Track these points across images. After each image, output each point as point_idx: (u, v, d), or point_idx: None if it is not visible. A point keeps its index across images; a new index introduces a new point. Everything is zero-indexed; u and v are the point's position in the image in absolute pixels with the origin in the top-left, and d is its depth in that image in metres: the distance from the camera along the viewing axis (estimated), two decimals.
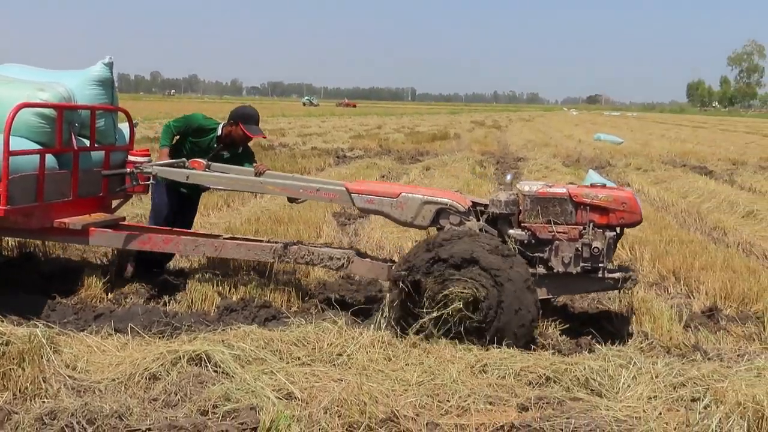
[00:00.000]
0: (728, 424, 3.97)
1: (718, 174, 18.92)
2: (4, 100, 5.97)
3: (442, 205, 6.00)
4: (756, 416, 3.98)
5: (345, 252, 6.28)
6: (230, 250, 6.42)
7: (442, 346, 5.14)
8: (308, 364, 4.82)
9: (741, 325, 6.20)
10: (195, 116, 7.12)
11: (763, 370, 4.76)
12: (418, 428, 3.93)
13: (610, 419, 4.15)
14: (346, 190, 6.16)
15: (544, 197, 5.80)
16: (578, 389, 4.60)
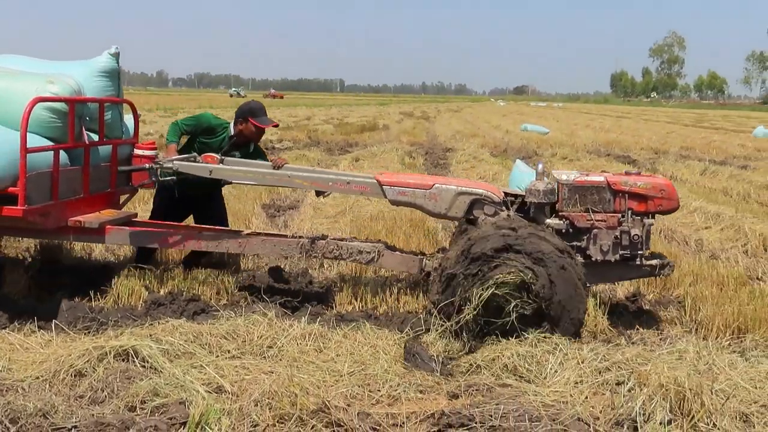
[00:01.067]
0: (651, 406, 4.07)
1: (641, 163, 19.33)
2: (13, 94, 5.75)
3: (477, 195, 5.94)
4: (678, 397, 4.09)
5: (375, 245, 6.17)
6: (255, 247, 6.31)
7: (375, 336, 5.15)
8: (238, 357, 4.79)
9: (663, 310, 6.38)
10: (205, 116, 6.96)
11: (685, 353, 4.90)
12: (349, 418, 3.94)
13: (538, 404, 4.22)
14: (378, 183, 6.04)
15: (582, 186, 5.80)
16: (507, 376, 4.68)
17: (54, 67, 6.45)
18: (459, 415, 4.04)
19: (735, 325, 5.74)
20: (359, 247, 6.11)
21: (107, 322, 5.57)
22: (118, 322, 5.55)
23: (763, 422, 4.11)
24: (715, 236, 9.26)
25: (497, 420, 4.00)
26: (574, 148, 22.56)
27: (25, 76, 6.02)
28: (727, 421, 4.06)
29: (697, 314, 6.01)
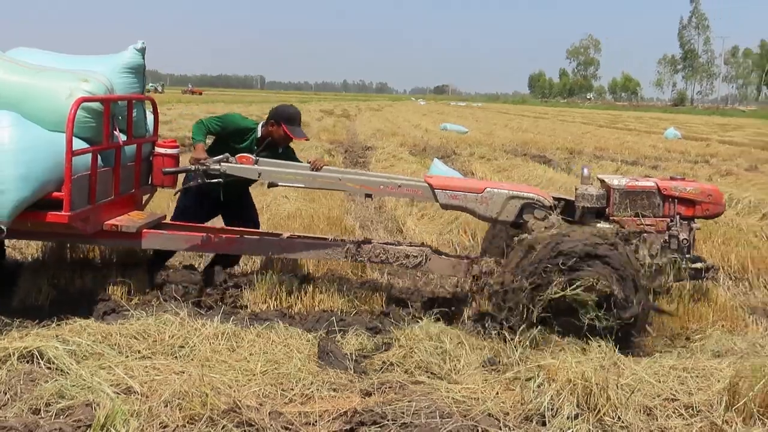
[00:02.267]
0: (559, 401, 4.17)
1: (556, 163, 19.71)
2: (45, 92, 5.53)
3: (529, 200, 5.89)
4: (585, 392, 4.19)
5: (422, 249, 6.12)
6: (298, 251, 6.23)
7: (289, 335, 5.13)
8: (149, 358, 4.71)
9: None
10: (232, 117, 6.73)
11: (592, 349, 5.03)
12: (261, 418, 3.92)
13: (450, 401, 4.27)
14: (430, 186, 5.96)
15: (633, 191, 5.82)
16: (420, 373, 4.71)
17: (77, 62, 6.17)
18: (371, 413, 4.06)
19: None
20: (406, 251, 6.08)
21: (12, 322, 5.40)
22: (24, 323, 5.38)
23: (665, 415, 4.24)
24: None
25: (409, 417, 4.02)
26: (492, 148, 22.84)
27: (56, 74, 5.74)
28: (632, 414, 4.18)
29: None
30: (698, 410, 4.27)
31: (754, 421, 4.10)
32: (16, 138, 5.11)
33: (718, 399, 4.31)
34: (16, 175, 5.05)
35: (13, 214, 5.10)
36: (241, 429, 3.82)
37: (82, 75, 5.70)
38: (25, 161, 5.09)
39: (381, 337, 5.37)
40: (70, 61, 6.19)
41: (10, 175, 5.02)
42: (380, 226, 10.13)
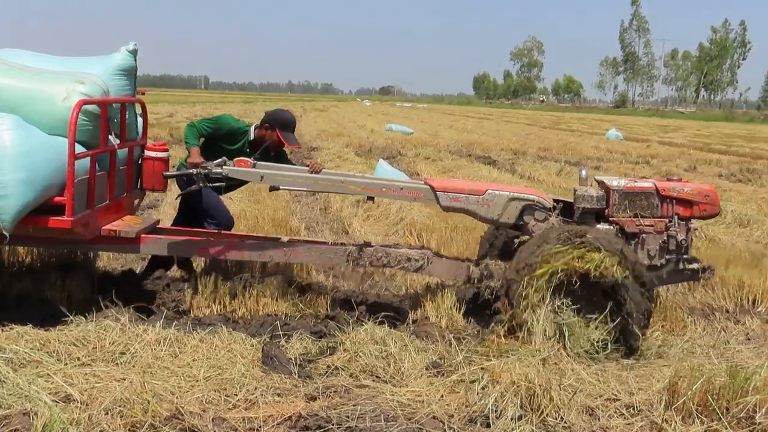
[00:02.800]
0: (503, 402, 4.21)
1: (501, 163, 19.88)
2: (41, 94, 5.40)
3: (529, 201, 5.91)
4: (528, 394, 4.24)
5: (423, 252, 6.11)
6: (300, 255, 6.16)
7: (233, 340, 5.09)
8: (88, 365, 4.63)
9: None
10: (224, 118, 6.67)
11: (536, 352, 5.09)
12: (204, 424, 3.88)
13: (395, 404, 4.29)
14: (431, 189, 5.96)
15: (632, 192, 5.84)
16: (365, 377, 4.71)
17: (68, 64, 6.02)
18: (316, 417, 4.05)
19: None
20: (407, 254, 6.07)
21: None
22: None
23: (607, 415, 4.31)
24: None
25: (354, 421, 4.03)
26: (437, 149, 22.94)
27: (50, 76, 5.60)
28: (574, 414, 4.24)
29: None
30: (639, 410, 4.35)
31: (692, 420, 4.18)
32: (18, 141, 5.01)
33: (658, 398, 4.39)
34: (19, 179, 4.95)
35: (16, 219, 5.01)
36: None
37: (78, 77, 5.58)
38: (26, 165, 4.99)
39: (326, 341, 5.35)
40: (61, 62, 6.05)
41: (12, 180, 4.93)
42: (326, 227, 10.12)
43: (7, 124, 5.01)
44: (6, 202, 4.93)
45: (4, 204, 4.94)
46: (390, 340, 5.04)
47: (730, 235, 9.80)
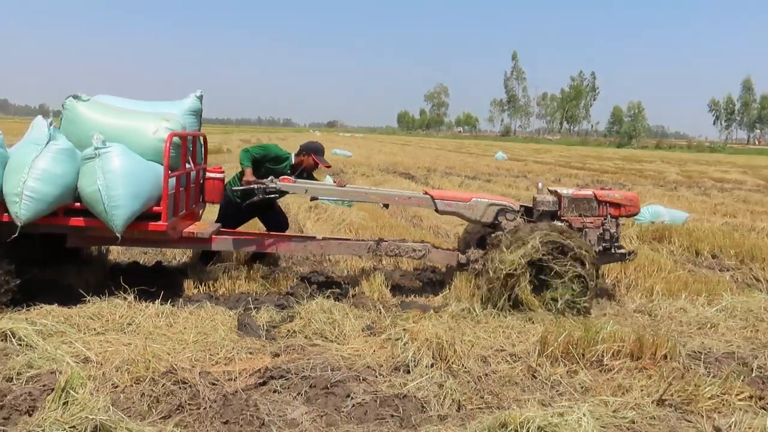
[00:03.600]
0: (419, 355, 4.23)
1: (418, 177, 19.94)
2: (138, 130, 5.36)
3: (502, 206, 5.97)
4: (438, 347, 4.27)
5: (424, 245, 6.10)
6: (333, 248, 6.16)
7: (215, 312, 5.01)
8: (102, 334, 4.51)
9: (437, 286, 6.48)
10: (271, 146, 6.61)
11: (445, 315, 5.13)
12: (193, 377, 3.81)
13: (339, 358, 4.28)
14: (431, 198, 6.01)
15: (577, 198, 5.97)
16: (317, 338, 4.69)
17: (152, 106, 5.93)
18: (279, 369, 4.02)
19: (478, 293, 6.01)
20: (413, 246, 6.07)
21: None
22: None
23: (496, 361, 4.37)
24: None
25: (308, 371, 4.01)
26: (370, 167, 22.92)
27: (139, 115, 5.56)
28: (472, 362, 4.28)
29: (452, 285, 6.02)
30: (519, 357, 4.42)
31: (558, 363, 4.27)
32: (125, 164, 4.95)
33: (533, 348, 4.48)
34: (127, 193, 4.90)
35: (125, 224, 4.96)
36: (177, 386, 3.70)
37: (163, 116, 5.58)
38: (132, 182, 4.94)
39: (286, 312, 5.31)
40: (144, 105, 5.96)
41: (123, 194, 4.87)
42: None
43: (117, 152, 4.96)
44: (118, 212, 4.88)
45: (117, 213, 4.89)
46: (335, 309, 5.02)
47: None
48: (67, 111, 5.45)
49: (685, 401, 3.77)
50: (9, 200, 4.76)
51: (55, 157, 4.83)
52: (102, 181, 4.84)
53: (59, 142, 4.92)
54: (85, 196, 4.95)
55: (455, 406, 3.69)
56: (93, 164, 4.89)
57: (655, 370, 4.16)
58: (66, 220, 5.07)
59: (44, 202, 4.79)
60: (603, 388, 3.96)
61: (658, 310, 5.79)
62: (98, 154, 4.89)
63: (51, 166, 4.79)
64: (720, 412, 3.69)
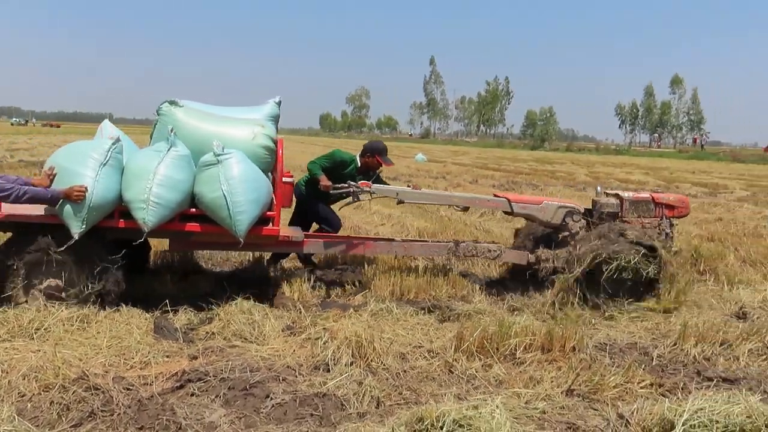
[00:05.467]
0: (339, 353, 4.21)
1: None
2: (232, 137, 5.22)
3: (570, 208, 6.23)
4: (357, 345, 4.27)
5: (498, 246, 6.32)
6: (416, 250, 6.29)
7: (131, 315, 4.83)
8: (8, 340, 4.26)
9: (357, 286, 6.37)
10: (336, 152, 6.62)
11: (364, 313, 5.13)
12: (106, 382, 3.66)
13: (258, 358, 4.21)
14: (508, 201, 6.25)
15: (637, 200, 6.23)
16: (236, 339, 4.59)
17: (235, 111, 5.73)
18: (197, 372, 3.91)
19: (398, 290, 6.06)
20: (488, 247, 6.26)
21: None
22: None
23: (414, 358, 4.40)
24: (388, 230, 9.71)
25: (227, 373, 3.92)
26: (293, 168, 22.61)
27: (233, 122, 5.44)
28: (391, 359, 4.30)
29: (371, 284, 6.10)
30: (436, 353, 4.47)
31: (474, 358, 4.34)
32: (245, 170, 4.97)
33: (450, 344, 4.54)
34: (250, 199, 4.94)
35: (248, 229, 5.00)
36: (89, 393, 3.55)
37: (257, 122, 5.47)
38: (253, 189, 4.97)
39: (205, 314, 5.18)
40: (228, 110, 5.75)
41: (246, 200, 4.90)
42: None
43: (236, 159, 4.96)
44: (242, 217, 4.90)
45: (241, 218, 4.91)
46: (255, 310, 4.94)
47: (499, 227, 10.23)
48: (164, 116, 5.32)
49: (591, 390, 3.91)
50: (135, 206, 4.75)
51: (177, 164, 4.85)
52: (226, 187, 4.84)
53: (179, 149, 4.93)
54: (207, 203, 4.94)
55: (374, 403, 3.69)
56: (215, 171, 4.89)
57: (564, 362, 4.29)
58: (182, 225, 5.05)
59: (168, 208, 4.82)
60: (516, 381, 4.05)
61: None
62: (220, 160, 4.89)
63: (173, 173, 4.81)
64: (623, 399, 3.84)
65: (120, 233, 4.97)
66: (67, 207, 4.65)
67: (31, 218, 4.80)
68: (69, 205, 4.64)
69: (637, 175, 27.76)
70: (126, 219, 4.90)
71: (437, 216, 10.51)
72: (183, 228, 5.09)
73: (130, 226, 4.86)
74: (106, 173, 4.74)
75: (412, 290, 5.97)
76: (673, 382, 4.13)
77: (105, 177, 4.73)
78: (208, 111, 5.59)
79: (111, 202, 4.81)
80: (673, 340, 4.88)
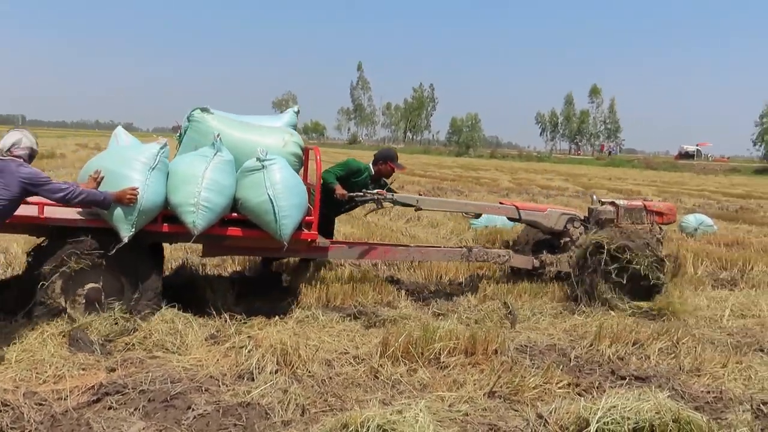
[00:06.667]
0: (264, 361, 4.18)
1: None
2: (267, 144, 5.22)
3: (572, 215, 6.71)
4: (282, 353, 4.24)
5: (507, 251, 6.63)
6: (432, 255, 6.51)
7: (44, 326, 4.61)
8: None
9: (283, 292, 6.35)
10: (351, 162, 6.64)
11: (290, 320, 5.09)
12: (17, 398, 3.50)
13: (180, 369, 4.12)
14: (516, 208, 6.63)
15: (631, 208, 6.74)
16: (157, 350, 4.48)
17: (261, 119, 5.86)
18: (115, 385, 3.80)
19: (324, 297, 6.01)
20: (498, 252, 6.58)
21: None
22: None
23: (340, 364, 4.41)
24: None
25: (147, 384, 3.83)
26: None
27: (261, 130, 5.52)
28: (317, 366, 4.30)
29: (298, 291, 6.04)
30: (362, 359, 4.49)
31: (399, 363, 4.39)
32: (287, 176, 5.06)
33: (376, 350, 4.56)
34: (294, 204, 5.02)
35: (291, 233, 5.09)
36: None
37: (286, 130, 5.60)
38: (295, 194, 5.06)
39: (125, 324, 5.01)
40: (252, 118, 5.83)
41: (289, 205, 4.98)
42: None
43: (279, 165, 5.04)
44: (287, 221, 4.99)
45: (286, 222, 4.99)
46: (177, 319, 4.82)
47: (425, 233, 10.36)
48: (196, 123, 5.35)
49: (512, 392, 4.02)
50: (184, 210, 4.79)
51: (223, 168, 4.92)
52: (272, 192, 4.92)
53: (224, 154, 4.99)
54: (251, 207, 4.99)
55: (299, 411, 3.67)
56: (259, 176, 4.96)
57: (486, 365, 4.40)
58: (223, 230, 5.09)
59: (215, 212, 4.88)
60: (440, 384, 4.12)
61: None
62: (265, 165, 4.96)
63: (220, 177, 4.88)
64: (543, 399, 3.97)
65: (162, 237, 5.10)
66: (117, 210, 4.63)
67: (74, 222, 4.73)
68: (119, 208, 4.63)
69: (558, 181, 28.72)
70: (171, 223, 4.93)
71: (364, 222, 10.54)
72: (225, 233, 5.12)
73: (175, 230, 4.93)
74: (156, 177, 4.78)
75: (338, 297, 5.96)
76: (589, 381, 4.29)
77: (154, 181, 4.76)
78: (235, 119, 5.65)
79: (159, 206, 4.84)
80: (589, 341, 5.08)
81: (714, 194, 24.46)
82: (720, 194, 24.66)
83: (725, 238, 10.84)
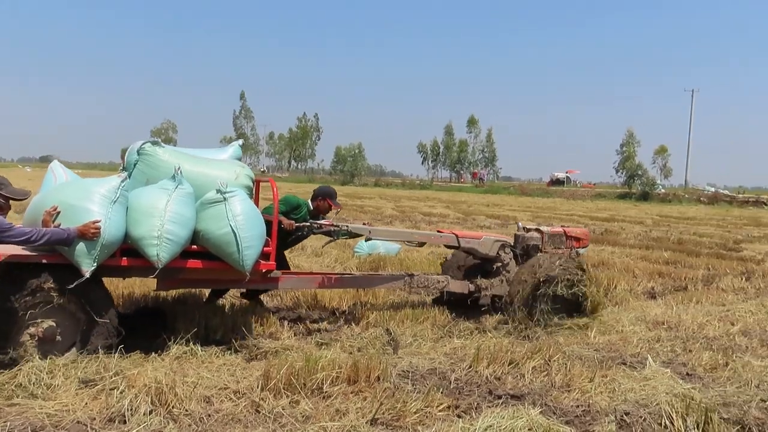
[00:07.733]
0: (137, 402, 3.99)
1: None
2: (220, 177, 5.23)
3: (503, 242, 7.09)
4: (157, 392, 4.07)
5: (445, 277, 6.93)
6: (376, 282, 6.68)
7: None
8: None
9: (159, 328, 6.13)
10: (289, 197, 6.75)
11: (166, 357, 4.88)
12: None
13: (43, 416, 3.85)
14: (456, 236, 6.97)
15: (553, 234, 7.28)
16: (19, 394, 4.16)
17: (208, 153, 5.84)
18: None
19: (203, 330, 5.80)
20: (437, 278, 6.85)
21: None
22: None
23: (219, 400, 4.27)
24: None
25: None
26: None
27: (215, 163, 5.52)
28: (195, 403, 4.15)
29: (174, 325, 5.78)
30: (243, 393, 4.38)
31: (281, 395, 4.33)
32: (247, 207, 5.12)
33: (257, 383, 4.47)
34: (256, 234, 5.10)
35: (254, 263, 5.13)
36: None
37: (237, 164, 5.62)
38: (256, 224, 5.11)
39: None
40: (209, 152, 5.87)
41: (251, 236, 5.04)
42: None
43: (239, 197, 5.10)
44: (249, 252, 5.03)
45: (249, 253, 5.03)
46: (46, 360, 4.50)
47: (309, 262, 10.30)
48: (147, 156, 5.29)
49: (394, 418, 4.06)
50: (146, 243, 4.72)
51: (185, 201, 4.92)
52: (234, 224, 4.96)
53: (185, 187, 5.00)
54: (213, 239, 5.00)
55: None
56: (221, 208, 5.01)
57: (369, 392, 4.41)
58: (183, 262, 5.03)
59: (179, 245, 4.84)
60: (323, 415, 4.08)
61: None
62: (226, 197, 5.02)
63: (183, 210, 4.87)
64: (424, 423, 4.03)
65: (119, 272, 5.05)
66: (80, 245, 4.54)
67: (30, 258, 4.53)
68: (82, 243, 4.54)
69: (439, 208, 29.54)
70: (130, 257, 4.85)
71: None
72: (184, 265, 5.06)
73: (135, 263, 4.86)
74: (117, 210, 4.73)
75: (218, 330, 5.78)
76: (467, 402, 4.41)
77: (116, 214, 4.71)
78: (184, 152, 5.60)
79: (120, 240, 4.76)
80: (468, 362, 5.22)
81: (582, 218, 26.05)
82: (587, 218, 26.29)
83: (591, 260, 11.54)
